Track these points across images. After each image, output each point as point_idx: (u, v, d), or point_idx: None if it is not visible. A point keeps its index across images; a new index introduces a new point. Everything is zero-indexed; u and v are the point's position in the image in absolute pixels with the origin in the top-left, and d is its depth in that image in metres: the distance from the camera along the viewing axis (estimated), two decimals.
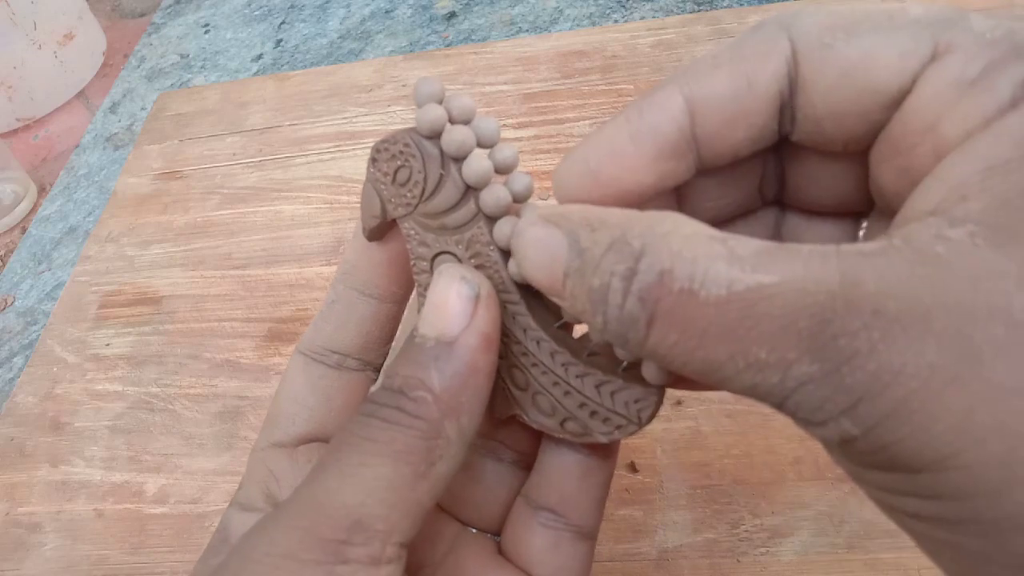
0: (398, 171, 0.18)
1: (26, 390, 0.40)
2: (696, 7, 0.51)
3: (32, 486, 0.36)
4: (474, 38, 0.54)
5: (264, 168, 0.47)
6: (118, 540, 0.33)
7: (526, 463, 0.20)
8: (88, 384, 0.39)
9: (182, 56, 0.61)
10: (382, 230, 0.19)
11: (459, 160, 0.17)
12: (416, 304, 0.19)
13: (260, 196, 0.46)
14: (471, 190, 0.17)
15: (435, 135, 0.17)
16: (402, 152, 0.18)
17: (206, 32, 0.63)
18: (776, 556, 0.27)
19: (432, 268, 0.18)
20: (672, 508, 0.29)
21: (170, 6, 0.67)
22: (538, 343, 0.18)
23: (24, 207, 0.53)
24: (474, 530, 0.21)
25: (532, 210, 0.17)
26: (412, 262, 0.18)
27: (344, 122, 0.49)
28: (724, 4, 0.51)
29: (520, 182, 0.18)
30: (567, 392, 0.17)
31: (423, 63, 0.51)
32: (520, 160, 0.18)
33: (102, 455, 0.36)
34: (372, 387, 0.17)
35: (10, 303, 0.46)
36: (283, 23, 0.61)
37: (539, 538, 0.19)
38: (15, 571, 0.33)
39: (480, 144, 0.17)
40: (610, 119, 0.16)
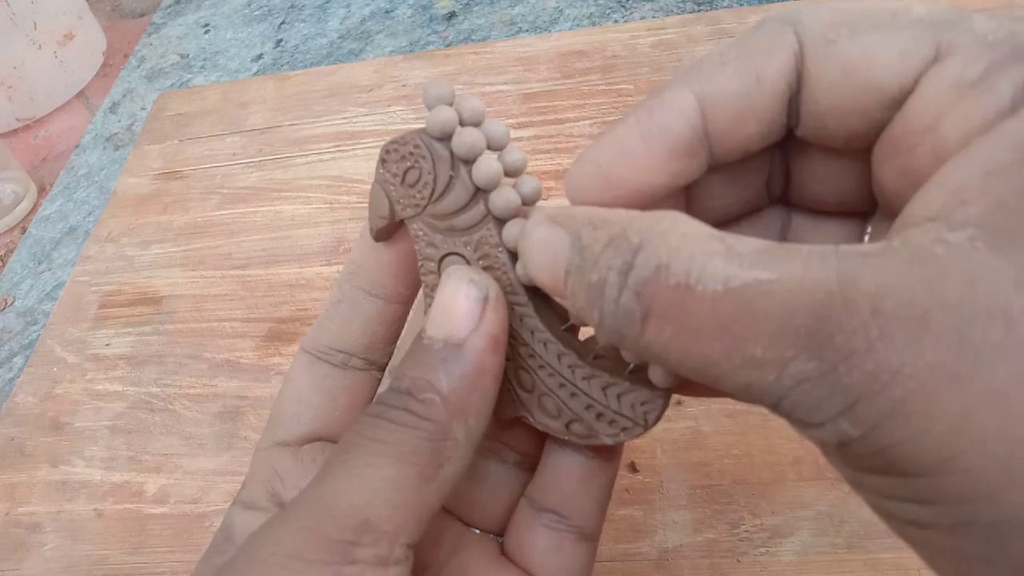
0: (407, 172, 0.18)
1: (26, 390, 0.40)
2: (696, 7, 0.51)
3: (32, 486, 0.36)
4: (474, 38, 0.54)
5: (264, 168, 0.47)
6: (118, 540, 0.33)
7: (529, 465, 0.20)
8: (88, 384, 0.39)
9: (182, 56, 0.61)
10: (389, 231, 0.19)
11: (469, 162, 0.17)
12: (422, 304, 0.19)
13: (260, 196, 0.46)
14: (480, 192, 0.17)
15: (446, 137, 0.17)
16: (412, 153, 0.18)
17: (206, 32, 0.63)
18: (776, 556, 0.27)
19: (440, 269, 0.18)
20: (672, 508, 0.29)
21: (170, 6, 0.67)
22: (545, 345, 0.18)
23: (24, 207, 0.53)
24: (477, 531, 0.21)
25: (540, 212, 0.17)
26: (420, 263, 0.18)
27: (344, 122, 0.49)
28: (724, 4, 0.51)
29: (529, 185, 0.18)
30: (573, 394, 0.17)
31: (423, 63, 0.51)
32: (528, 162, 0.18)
33: (102, 455, 0.36)
34: (380, 388, 0.17)
35: (10, 303, 0.46)
36: (283, 23, 0.61)
37: (542, 539, 0.19)
38: (15, 571, 0.33)
39: (490, 147, 0.17)
40: (619, 120, 0.16)
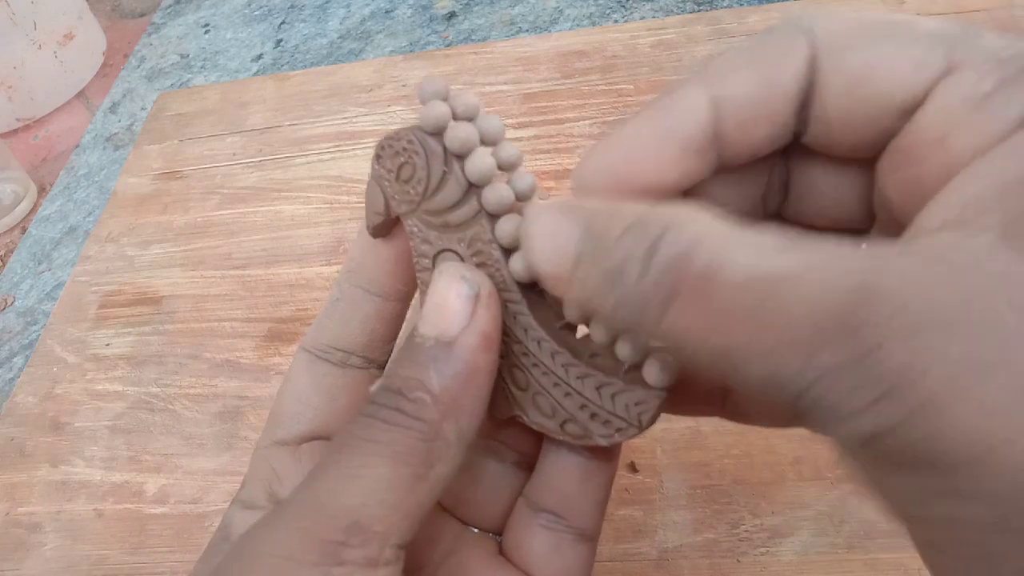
0: (401, 168, 0.18)
1: (26, 390, 0.40)
2: (696, 7, 0.51)
3: (32, 486, 0.36)
4: (474, 38, 0.54)
5: (264, 168, 0.47)
6: (118, 540, 0.33)
7: (528, 464, 0.20)
8: (88, 384, 0.39)
9: (182, 56, 0.61)
10: (386, 227, 0.19)
11: (462, 157, 0.17)
12: (420, 302, 0.19)
13: (260, 196, 0.46)
14: (473, 187, 0.17)
15: (439, 132, 0.17)
16: (405, 149, 0.17)
17: (206, 32, 0.63)
18: (776, 556, 0.27)
19: (435, 266, 0.18)
20: (672, 508, 0.29)
21: (170, 6, 0.67)
22: (539, 343, 0.17)
23: (24, 207, 0.53)
24: (476, 530, 0.21)
25: (542, 204, 0.17)
26: (415, 259, 0.18)
27: (344, 122, 0.49)
28: (724, 4, 0.51)
29: (524, 181, 0.17)
30: (567, 393, 0.17)
31: (423, 63, 0.51)
32: (523, 159, 0.18)
33: (102, 455, 0.36)
34: (372, 386, 0.17)
35: (10, 303, 0.46)
36: (283, 23, 0.61)
37: (539, 540, 0.19)
38: (15, 571, 0.33)
39: (483, 142, 0.17)
40: (631, 117, 0.16)
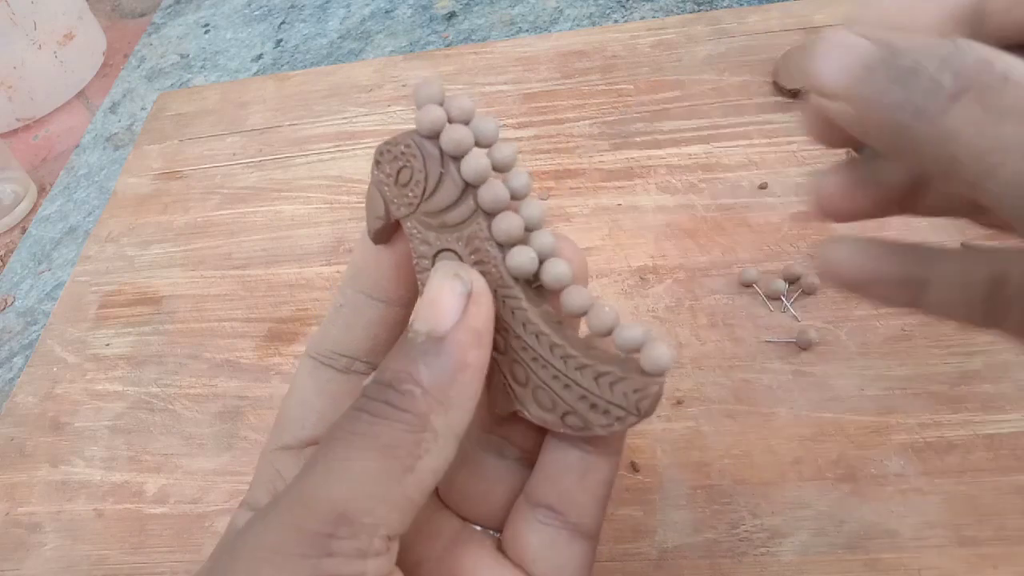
0: (400, 171, 0.18)
1: (26, 390, 0.40)
2: (696, 7, 0.51)
3: (32, 486, 0.36)
4: (474, 38, 0.54)
5: (264, 168, 0.47)
6: (118, 540, 0.33)
7: (530, 461, 0.20)
8: (88, 384, 0.39)
9: (182, 56, 0.61)
10: (387, 232, 0.19)
11: (457, 158, 0.18)
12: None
13: (260, 196, 0.46)
14: (469, 187, 0.18)
15: (435, 135, 0.18)
16: (403, 153, 0.18)
17: (206, 32, 0.63)
18: (776, 556, 0.27)
19: (433, 266, 0.18)
20: (672, 508, 0.29)
21: (170, 6, 0.67)
22: (537, 337, 0.18)
23: (24, 207, 0.53)
24: (479, 527, 0.21)
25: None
26: (414, 261, 0.19)
27: (344, 122, 0.49)
28: (724, 4, 0.51)
29: (519, 179, 0.18)
30: (567, 385, 0.18)
31: (423, 63, 0.51)
32: (519, 159, 0.18)
33: (102, 455, 0.36)
34: (365, 381, 0.17)
35: (10, 303, 0.46)
36: (283, 23, 0.61)
37: (536, 536, 0.19)
38: (15, 571, 0.33)
39: (479, 143, 0.18)
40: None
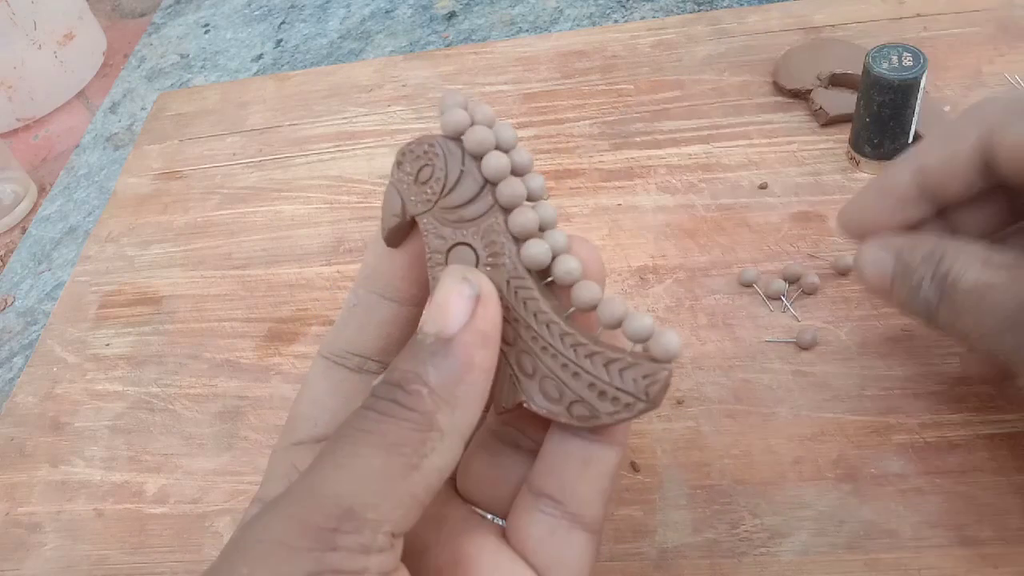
0: (421, 170, 0.19)
1: (26, 390, 0.40)
2: (696, 7, 0.51)
3: (32, 486, 0.36)
4: (474, 38, 0.54)
5: (264, 168, 0.47)
6: (118, 540, 0.33)
7: None
8: (88, 384, 0.39)
9: (182, 56, 0.61)
10: (401, 232, 0.20)
11: (478, 157, 0.19)
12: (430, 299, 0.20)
13: (260, 196, 0.46)
14: (488, 184, 0.19)
15: (458, 135, 0.19)
16: (426, 152, 0.19)
17: (206, 32, 0.63)
18: (776, 556, 0.27)
19: (447, 260, 0.19)
20: (672, 508, 0.29)
21: (170, 6, 0.67)
22: (548, 326, 0.18)
23: (24, 207, 0.53)
24: (490, 516, 0.21)
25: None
26: (428, 256, 0.20)
27: (344, 122, 0.49)
28: (724, 4, 0.51)
29: (535, 181, 0.19)
30: (575, 373, 0.18)
31: (423, 63, 0.51)
32: (535, 163, 0.20)
33: (102, 455, 0.36)
34: (375, 382, 0.18)
35: (10, 303, 0.46)
36: (283, 23, 0.61)
37: (537, 525, 0.19)
38: (15, 571, 0.33)
39: (498, 147, 0.19)
40: (865, 184, 0.27)
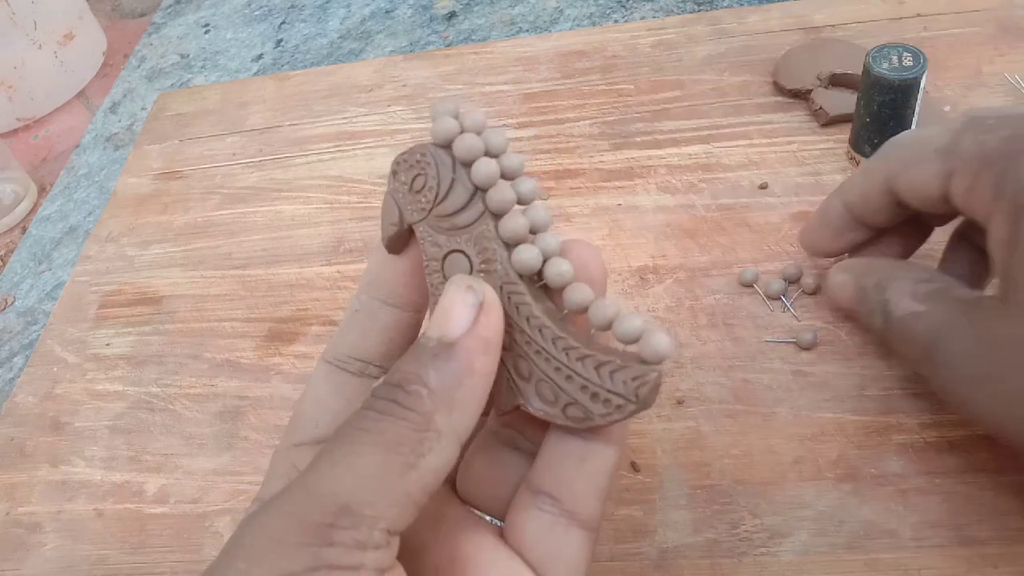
0: (415, 179, 0.20)
1: (26, 390, 0.40)
2: (696, 7, 0.51)
3: (32, 486, 0.36)
4: (474, 38, 0.54)
5: (264, 168, 0.47)
6: (118, 540, 0.33)
7: None
8: (88, 384, 0.39)
9: (182, 56, 0.61)
10: (401, 240, 0.20)
11: (468, 164, 0.19)
12: (430, 305, 0.20)
13: (260, 196, 0.46)
14: (479, 191, 0.19)
15: (448, 144, 0.19)
16: (419, 161, 0.20)
17: (206, 32, 0.63)
18: (776, 556, 0.27)
19: (443, 268, 0.20)
20: (672, 508, 0.29)
21: (170, 6, 0.67)
22: (540, 331, 0.19)
23: (24, 207, 0.53)
24: (489, 518, 0.21)
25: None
26: (425, 263, 0.20)
27: (344, 122, 0.49)
28: (724, 4, 0.51)
29: (525, 185, 0.19)
30: (568, 376, 0.18)
31: (423, 63, 0.51)
32: (526, 166, 0.19)
33: (102, 455, 0.36)
34: (376, 383, 0.18)
35: (10, 303, 0.46)
36: (283, 23, 0.61)
37: (534, 522, 0.20)
38: (15, 571, 0.33)
39: (488, 153, 0.19)
40: (813, 213, 0.32)
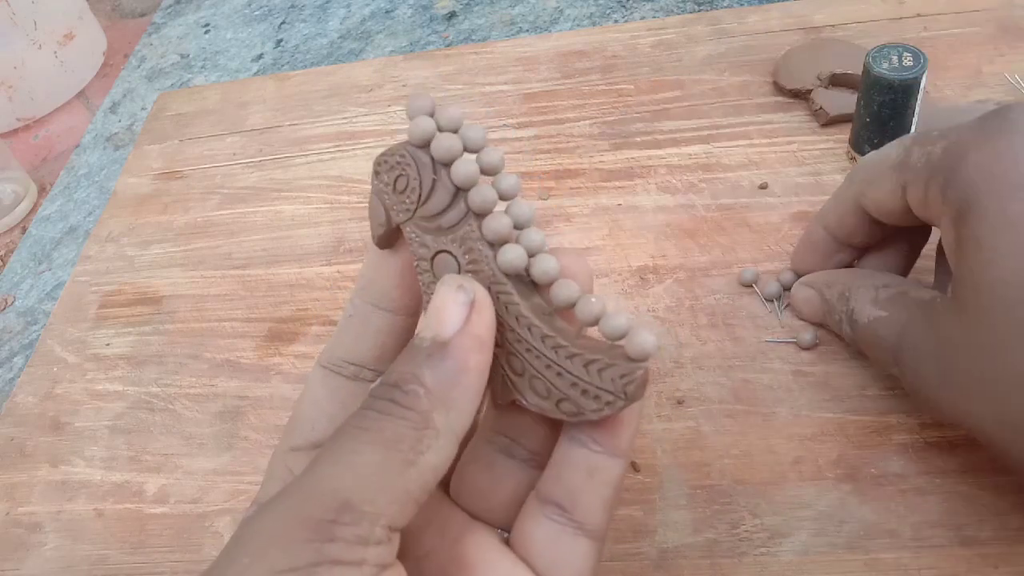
0: (397, 180, 0.20)
1: (26, 390, 0.40)
2: (696, 7, 0.51)
3: (32, 486, 0.36)
4: (474, 38, 0.54)
5: (264, 168, 0.47)
6: (118, 540, 0.33)
7: (539, 463, 0.21)
8: (88, 384, 0.39)
9: (182, 56, 0.61)
10: (391, 237, 0.20)
11: (447, 165, 0.19)
12: (423, 305, 0.21)
13: (260, 196, 0.46)
14: (460, 191, 0.19)
15: (425, 144, 0.19)
16: (399, 162, 0.19)
17: (206, 32, 0.63)
18: (776, 556, 0.27)
19: (432, 267, 0.20)
20: (672, 508, 0.29)
21: (170, 6, 0.67)
22: (530, 329, 0.19)
23: (24, 207, 0.53)
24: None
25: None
26: (415, 263, 0.20)
27: (344, 122, 0.49)
28: (724, 4, 0.51)
29: (506, 181, 0.19)
30: (559, 373, 0.19)
31: (423, 63, 0.51)
32: (507, 161, 0.20)
33: (102, 455, 0.36)
34: (374, 384, 0.18)
35: (10, 303, 0.46)
36: (283, 23, 0.61)
37: (541, 530, 0.20)
38: (15, 571, 0.33)
39: (467, 149, 0.19)
40: (800, 238, 0.33)
